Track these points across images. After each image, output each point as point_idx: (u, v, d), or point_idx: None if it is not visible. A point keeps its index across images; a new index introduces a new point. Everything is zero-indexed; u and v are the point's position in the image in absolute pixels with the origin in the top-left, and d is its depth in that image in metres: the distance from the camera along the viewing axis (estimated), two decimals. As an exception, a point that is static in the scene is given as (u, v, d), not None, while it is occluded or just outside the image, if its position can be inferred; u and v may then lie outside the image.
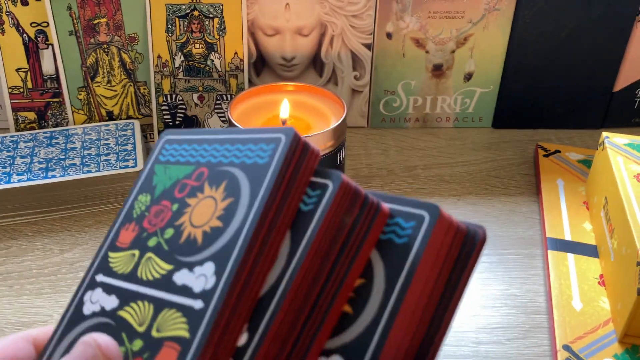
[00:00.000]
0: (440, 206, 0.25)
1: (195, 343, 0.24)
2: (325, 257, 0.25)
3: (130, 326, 0.27)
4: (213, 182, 0.28)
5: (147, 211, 0.30)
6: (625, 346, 0.45)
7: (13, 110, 0.67)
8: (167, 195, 0.30)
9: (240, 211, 0.26)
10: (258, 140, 0.28)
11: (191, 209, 0.28)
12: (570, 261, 0.52)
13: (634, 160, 0.53)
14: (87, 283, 0.30)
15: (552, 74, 0.68)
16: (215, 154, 0.29)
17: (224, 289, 0.25)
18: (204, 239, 0.27)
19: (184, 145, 0.31)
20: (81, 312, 0.29)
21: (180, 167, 0.31)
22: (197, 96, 0.66)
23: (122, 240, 0.30)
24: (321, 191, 0.26)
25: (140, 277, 0.28)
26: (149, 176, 0.32)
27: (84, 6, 0.63)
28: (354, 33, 0.67)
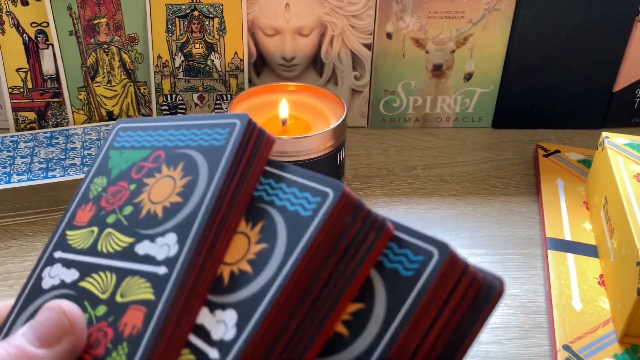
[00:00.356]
0: (451, 245, 0.25)
1: (161, 303, 0.25)
2: (323, 263, 0.25)
3: (92, 294, 0.28)
4: (170, 163, 0.30)
5: (103, 192, 0.31)
6: (625, 346, 0.45)
7: (13, 110, 0.67)
8: (124, 176, 0.31)
9: (199, 187, 0.28)
10: (214, 125, 0.30)
11: (149, 188, 0.30)
12: (570, 261, 0.52)
13: (634, 160, 0.53)
14: (44, 260, 0.31)
15: (552, 74, 0.68)
16: (171, 138, 0.31)
17: (187, 254, 0.26)
18: (164, 213, 0.28)
19: (138, 132, 0.33)
20: (40, 286, 0.30)
21: (135, 151, 0.32)
22: (197, 96, 0.67)
23: (79, 219, 0.31)
24: (321, 198, 0.26)
25: (100, 251, 0.29)
26: (104, 161, 0.33)
27: (84, 6, 0.63)
28: (354, 33, 0.67)
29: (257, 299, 0.25)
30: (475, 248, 0.55)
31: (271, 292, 0.24)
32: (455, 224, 0.58)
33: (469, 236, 0.57)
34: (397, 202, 0.61)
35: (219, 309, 0.26)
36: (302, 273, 0.25)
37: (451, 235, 0.57)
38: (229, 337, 0.25)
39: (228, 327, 0.25)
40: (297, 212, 0.26)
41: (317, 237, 0.25)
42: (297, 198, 0.27)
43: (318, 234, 0.25)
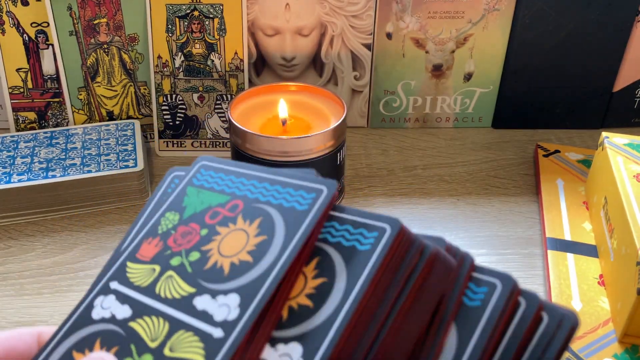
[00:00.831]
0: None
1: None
2: (383, 297, 0.26)
3: (140, 339, 0.27)
4: (247, 216, 0.29)
5: (173, 229, 0.30)
6: (625, 346, 0.45)
7: (13, 110, 0.67)
8: (197, 218, 0.30)
9: (273, 250, 0.27)
10: (298, 187, 0.29)
11: (221, 238, 0.29)
12: (570, 261, 0.52)
13: (634, 160, 0.53)
14: (99, 288, 0.30)
15: (552, 74, 0.68)
16: (252, 189, 0.30)
17: (247, 323, 0.25)
18: (231, 270, 0.27)
19: (220, 174, 0.32)
20: (89, 315, 0.29)
21: (214, 194, 0.31)
22: (197, 96, 0.67)
23: (143, 253, 0.30)
24: (378, 233, 0.27)
25: (158, 293, 0.28)
26: (180, 196, 0.32)
27: (84, 6, 0.63)
28: (354, 33, 0.67)
29: (322, 331, 0.25)
30: (475, 248, 0.55)
31: (337, 323, 0.25)
32: (455, 224, 0.58)
33: (469, 236, 0.57)
34: (397, 202, 0.61)
35: (280, 343, 0.25)
36: (365, 305, 0.25)
37: (451, 235, 0.57)
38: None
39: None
40: (353, 247, 0.27)
41: (378, 270, 0.26)
42: (351, 234, 0.27)
43: (379, 268, 0.26)
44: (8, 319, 0.49)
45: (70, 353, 0.28)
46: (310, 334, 0.25)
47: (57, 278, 0.52)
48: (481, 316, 0.26)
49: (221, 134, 0.67)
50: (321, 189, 0.28)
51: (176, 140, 0.68)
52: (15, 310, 0.49)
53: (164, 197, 0.33)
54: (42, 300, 0.50)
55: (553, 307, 0.26)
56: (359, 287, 0.25)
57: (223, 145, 0.68)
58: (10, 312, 0.49)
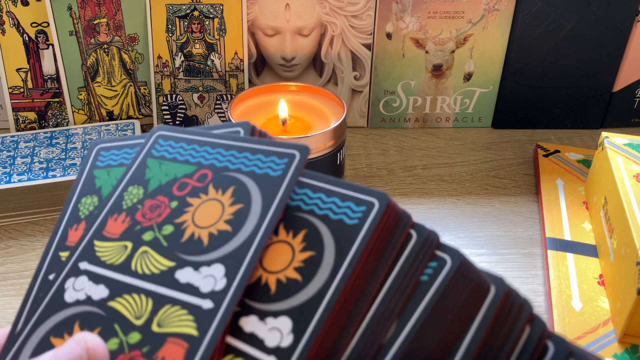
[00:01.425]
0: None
1: (205, 342, 0.24)
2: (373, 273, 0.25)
3: (124, 318, 0.26)
4: (218, 186, 0.28)
5: (140, 204, 0.29)
6: (624, 346, 0.45)
7: (13, 110, 0.67)
8: (164, 191, 0.29)
9: (251, 218, 0.26)
10: (269, 152, 0.28)
11: (193, 209, 0.28)
12: (569, 261, 0.52)
13: (634, 160, 0.53)
14: (68, 269, 0.29)
15: (552, 74, 0.68)
16: (220, 158, 0.29)
17: (236, 291, 0.25)
18: (210, 241, 0.27)
19: (181, 144, 0.31)
20: (62, 299, 0.28)
21: (178, 165, 0.30)
22: (197, 96, 0.67)
23: (110, 230, 0.29)
24: (366, 207, 0.26)
25: (135, 270, 0.27)
26: (141, 169, 0.31)
27: (84, 6, 0.63)
28: (353, 33, 0.67)
29: (311, 306, 0.25)
30: (475, 248, 0.55)
31: (327, 297, 0.24)
32: (455, 224, 0.58)
33: (469, 236, 0.57)
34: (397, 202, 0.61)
35: (270, 317, 0.25)
36: (355, 280, 0.25)
37: (451, 235, 0.57)
38: (286, 344, 0.24)
39: (284, 334, 0.25)
40: (341, 221, 0.26)
41: (367, 246, 0.25)
42: (338, 207, 0.27)
43: (367, 244, 0.25)
44: (8, 319, 0.49)
45: (48, 339, 0.28)
46: (299, 308, 0.25)
47: (57, 278, 0.52)
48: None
49: (221, 134, 0.67)
50: (293, 154, 0.28)
51: (176, 140, 0.68)
52: (15, 310, 0.49)
53: (91, 174, 0.32)
54: (42, 300, 0.50)
55: (561, 340, 0.25)
56: (347, 262, 0.25)
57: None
58: (10, 312, 0.49)
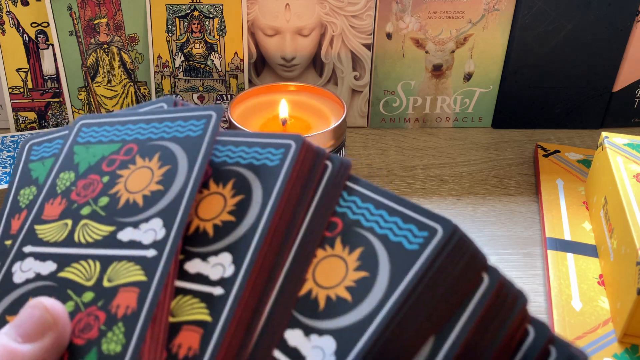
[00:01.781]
0: (455, 223, 0.26)
1: (154, 284, 0.26)
2: (296, 207, 0.27)
3: (75, 283, 0.28)
4: (145, 155, 0.30)
5: (73, 186, 0.31)
6: (624, 346, 0.45)
7: (13, 110, 0.67)
8: (95, 170, 0.31)
9: (180, 174, 0.28)
10: (187, 117, 0.30)
11: (124, 179, 0.30)
12: (569, 261, 0.52)
13: (634, 160, 0.53)
14: (13, 255, 0.30)
15: (552, 74, 0.68)
16: (142, 132, 0.31)
17: (176, 237, 0.27)
18: (145, 202, 0.28)
19: (104, 127, 0.33)
20: (11, 281, 0.29)
21: (104, 145, 0.32)
22: (198, 96, 0.67)
23: (48, 213, 0.31)
24: (285, 149, 0.28)
25: (78, 242, 0.29)
26: (69, 156, 0.32)
27: (84, 6, 0.63)
28: (353, 33, 0.67)
29: (246, 240, 0.26)
30: (475, 248, 0.55)
31: (259, 229, 0.26)
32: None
33: (469, 236, 0.57)
34: (397, 202, 0.61)
35: (211, 256, 0.27)
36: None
37: (451, 235, 0.57)
38: (229, 274, 0.26)
39: (226, 266, 0.26)
40: (264, 165, 0.28)
41: (290, 178, 0.27)
42: (260, 154, 0.29)
43: (290, 176, 0.27)
44: (8, 318, 0.49)
45: (4, 318, 0.28)
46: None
47: (57, 278, 0.52)
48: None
49: (221, 134, 0.67)
50: (210, 114, 0.30)
51: (176, 140, 0.68)
52: (15, 310, 0.49)
53: (26, 168, 0.34)
54: (42, 300, 0.50)
55: (563, 343, 0.25)
56: (273, 197, 0.27)
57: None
58: (10, 312, 0.49)
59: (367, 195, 0.28)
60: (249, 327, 0.25)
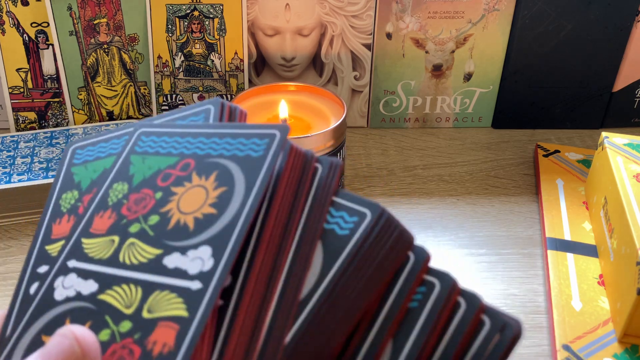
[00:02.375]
0: (383, 207, 0.27)
1: (196, 321, 0.24)
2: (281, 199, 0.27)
3: (114, 309, 0.26)
4: (202, 172, 0.29)
5: (125, 199, 0.30)
6: (624, 346, 0.45)
7: (13, 110, 0.67)
8: (148, 184, 0.30)
9: (236, 199, 0.27)
10: (250, 135, 0.29)
11: (178, 197, 0.28)
12: (569, 261, 0.52)
13: (634, 160, 0.53)
14: (57, 268, 0.29)
15: (552, 74, 0.68)
16: (201, 146, 0.30)
17: (224, 270, 0.25)
18: (196, 225, 0.27)
19: (163, 138, 0.31)
20: (52, 297, 0.28)
21: (160, 157, 0.30)
22: (198, 96, 0.67)
23: (97, 227, 0.29)
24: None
25: (123, 262, 0.28)
26: (125, 166, 0.31)
27: (84, 6, 0.63)
28: (353, 33, 0.67)
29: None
30: (475, 248, 0.55)
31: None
32: (455, 223, 0.58)
33: (469, 236, 0.57)
34: (397, 202, 0.61)
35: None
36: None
37: (451, 235, 0.57)
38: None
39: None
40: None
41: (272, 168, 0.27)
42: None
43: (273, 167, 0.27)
44: (8, 318, 0.49)
45: (40, 338, 0.28)
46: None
47: (57, 278, 0.52)
48: (418, 318, 0.26)
49: (221, 134, 0.67)
50: (274, 133, 0.28)
51: (176, 140, 0.68)
52: (15, 310, 0.49)
53: (69, 172, 0.33)
54: (42, 300, 0.50)
55: (496, 312, 0.26)
56: (257, 186, 0.27)
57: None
58: (10, 312, 0.49)
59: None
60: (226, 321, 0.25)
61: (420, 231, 0.57)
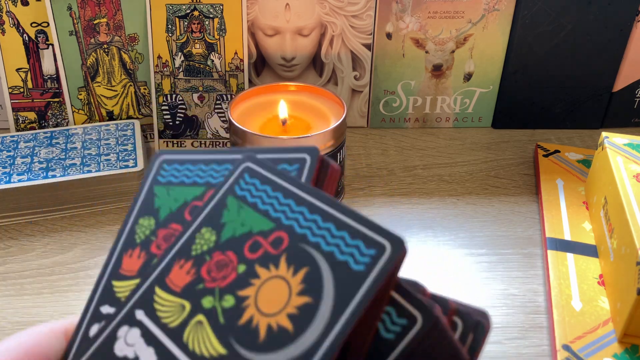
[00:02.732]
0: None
1: None
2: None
3: None
4: (292, 261, 0.24)
5: (208, 255, 0.26)
6: (624, 346, 0.45)
7: (13, 110, 0.67)
8: (236, 246, 0.25)
9: (318, 322, 0.22)
10: (356, 233, 0.23)
11: (260, 283, 0.24)
12: (569, 261, 0.52)
13: (634, 160, 0.53)
14: (124, 314, 0.26)
15: (552, 74, 0.68)
16: (301, 221, 0.25)
17: None
18: (267, 336, 0.23)
19: (266, 187, 0.26)
20: (112, 349, 0.26)
21: (257, 215, 0.26)
22: (197, 96, 0.67)
23: (174, 279, 0.26)
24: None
25: (185, 343, 0.24)
26: (218, 209, 0.27)
27: (84, 6, 0.63)
28: (353, 33, 0.67)
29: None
30: (475, 248, 0.55)
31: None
32: (455, 224, 0.58)
33: (469, 236, 0.57)
34: (397, 202, 0.61)
35: None
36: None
37: (451, 235, 0.57)
38: None
39: None
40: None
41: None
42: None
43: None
44: (8, 319, 0.49)
45: None
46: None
47: (57, 278, 0.52)
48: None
49: (221, 134, 0.67)
50: (383, 245, 0.22)
51: (176, 140, 0.68)
52: (15, 310, 0.49)
53: (151, 190, 0.29)
54: (42, 300, 0.50)
55: (466, 312, 0.24)
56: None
57: (223, 145, 0.68)
58: (10, 312, 0.49)
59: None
60: None
61: (420, 231, 0.57)
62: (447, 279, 0.52)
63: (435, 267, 0.53)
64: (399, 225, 0.58)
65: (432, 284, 0.52)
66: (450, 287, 0.51)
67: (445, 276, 0.52)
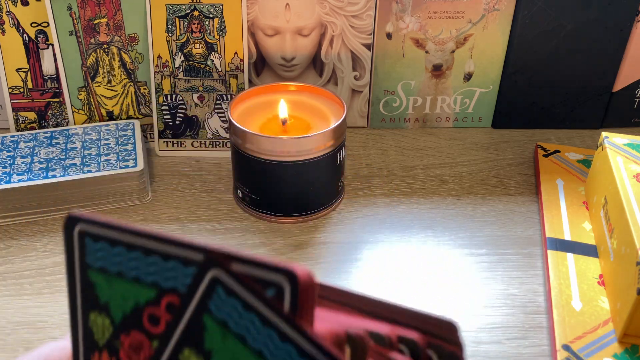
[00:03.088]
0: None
1: None
2: None
3: None
4: None
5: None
6: (624, 346, 0.45)
7: (13, 110, 0.67)
8: None
9: None
10: None
11: None
12: (569, 261, 0.52)
13: (634, 160, 0.53)
14: None
15: (552, 74, 0.68)
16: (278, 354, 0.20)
17: None
18: None
19: (237, 307, 0.21)
20: None
21: (244, 349, 0.21)
22: (197, 96, 0.67)
23: None
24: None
25: None
26: (196, 329, 0.22)
27: (84, 6, 0.63)
28: (353, 33, 0.67)
29: None
30: (475, 248, 0.55)
31: None
32: (455, 224, 0.58)
33: (469, 236, 0.57)
34: (397, 202, 0.61)
35: None
36: None
37: (451, 235, 0.57)
38: None
39: None
40: None
41: None
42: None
43: None
44: (8, 319, 0.49)
45: None
46: None
47: (57, 278, 0.52)
48: None
49: (221, 134, 0.67)
50: None
51: (176, 140, 0.68)
52: (15, 310, 0.49)
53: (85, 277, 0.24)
54: (42, 300, 0.50)
55: (439, 344, 0.24)
56: None
57: (223, 145, 0.68)
58: (10, 312, 0.49)
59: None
60: None
61: (420, 231, 0.57)
62: (447, 279, 0.52)
63: (435, 267, 0.53)
64: (399, 225, 0.58)
65: (432, 284, 0.52)
66: (450, 287, 0.51)
67: (445, 276, 0.52)
